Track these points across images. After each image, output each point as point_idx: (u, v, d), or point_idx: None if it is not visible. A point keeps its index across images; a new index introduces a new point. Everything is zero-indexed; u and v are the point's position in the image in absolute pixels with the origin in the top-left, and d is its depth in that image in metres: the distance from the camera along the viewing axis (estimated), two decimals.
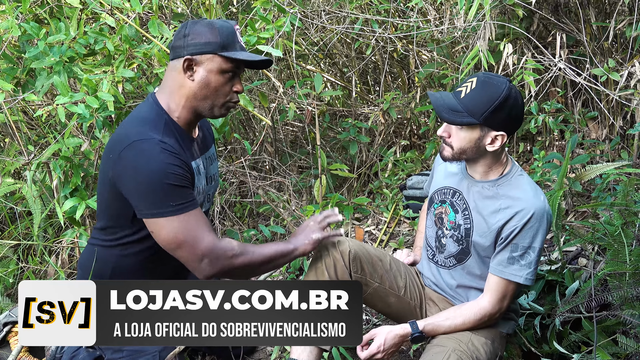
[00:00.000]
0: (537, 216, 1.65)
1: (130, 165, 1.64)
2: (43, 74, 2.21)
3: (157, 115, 1.72)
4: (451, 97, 1.66)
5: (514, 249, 1.67)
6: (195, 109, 1.74)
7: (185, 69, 1.69)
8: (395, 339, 1.73)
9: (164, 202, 1.64)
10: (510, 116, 1.63)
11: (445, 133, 1.70)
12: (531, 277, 1.69)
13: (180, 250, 1.67)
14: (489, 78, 1.63)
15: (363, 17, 3.05)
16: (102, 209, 1.84)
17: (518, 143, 3.28)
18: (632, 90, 2.70)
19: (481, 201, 1.74)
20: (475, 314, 1.74)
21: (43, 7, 2.39)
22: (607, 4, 3.01)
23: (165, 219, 1.65)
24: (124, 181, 1.66)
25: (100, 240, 1.85)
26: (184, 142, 1.75)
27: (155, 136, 1.65)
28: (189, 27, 1.70)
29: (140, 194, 1.65)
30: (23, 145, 2.40)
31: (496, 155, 1.71)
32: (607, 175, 2.49)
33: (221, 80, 1.71)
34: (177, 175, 1.65)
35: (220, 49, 1.67)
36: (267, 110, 3.14)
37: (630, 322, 1.67)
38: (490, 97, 1.60)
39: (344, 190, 3.30)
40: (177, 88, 1.72)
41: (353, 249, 1.83)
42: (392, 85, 3.85)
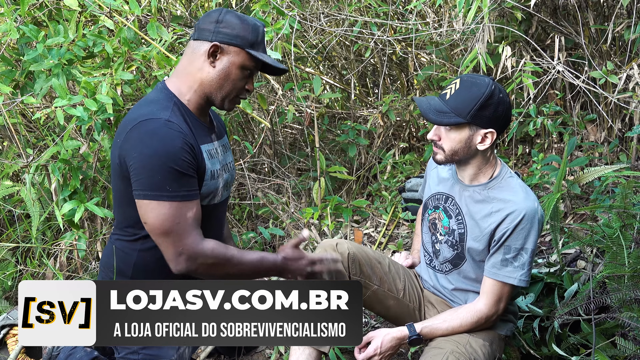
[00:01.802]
0: (528, 217, 1.65)
1: (134, 143, 1.61)
2: (42, 76, 2.21)
3: (166, 97, 1.70)
4: (437, 100, 1.68)
5: (507, 251, 1.68)
6: (207, 95, 1.73)
7: (210, 54, 1.68)
8: (393, 342, 1.73)
9: (161, 184, 1.59)
10: (497, 112, 1.64)
11: (435, 136, 1.71)
12: (525, 279, 1.69)
13: (162, 238, 1.63)
14: (472, 78, 1.66)
15: (362, 19, 3.06)
16: (117, 202, 1.79)
17: (517, 145, 3.29)
18: (630, 93, 2.70)
19: (473, 205, 1.75)
20: (472, 316, 1.74)
21: (42, 10, 2.39)
22: (605, 7, 3.02)
23: (156, 203, 1.60)
24: (128, 159, 1.62)
25: (120, 235, 1.80)
26: (193, 125, 1.71)
27: (163, 116, 1.63)
28: (223, 14, 1.69)
29: (138, 172, 1.61)
30: (22, 147, 2.40)
31: (486, 156, 1.72)
32: (606, 178, 2.49)
33: (240, 75, 1.71)
34: (182, 160, 1.61)
35: (249, 46, 1.68)
36: (266, 112, 3.14)
37: (629, 324, 1.67)
38: (474, 95, 1.62)
39: (343, 193, 3.30)
40: (195, 70, 1.70)
41: (352, 251, 1.83)
42: (391, 87, 3.86)
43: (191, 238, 1.64)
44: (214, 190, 1.76)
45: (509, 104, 1.67)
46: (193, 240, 1.64)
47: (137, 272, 1.78)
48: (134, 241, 1.78)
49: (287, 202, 3.00)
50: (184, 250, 1.63)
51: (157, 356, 1.77)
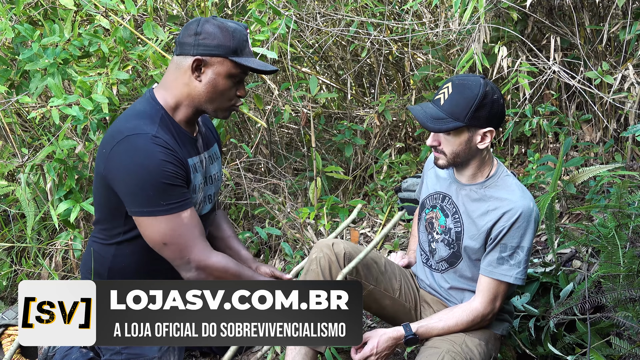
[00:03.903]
0: (525, 216, 1.66)
1: (121, 160, 1.61)
2: (37, 76, 2.20)
3: (153, 109, 1.69)
4: (432, 107, 1.67)
5: (503, 249, 1.68)
6: (198, 108, 1.71)
7: (194, 69, 1.65)
8: (389, 342, 1.73)
9: (154, 200, 1.61)
10: (493, 111, 1.64)
11: (435, 142, 1.70)
12: (521, 277, 1.70)
13: (166, 250, 1.66)
14: (463, 79, 1.65)
15: (358, 19, 3.06)
16: (97, 206, 1.81)
17: (513, 145, 3.29)
18: (625, 93, 2.72)
19: (470, 204, 1.76)
20: (468, 315, 1.74)
21: (37, 9, 2.38)
22: (601, 8, 3.03)
23: (153, 218, 1.62)
24: (115, 176, 1.63)
25: (98, 238, 1.82)
26: (180, 139, 1.71)
27: (149, 131, 1.62)
28: (200, 25, 1.65)
29: (130, 191, 1.62)
30: (17, 147, 2.39)
31: (483, 155, 1.72)
32: (601, 178, 2.50)
33: (228, 84, 1.69)
34: (170, 173, 1.61)
35: (231, 54, 1.65)
36: (263, 112, 3.14)
37: (624, 323, 1.68)
38: (469, 97, 1.61)
39: (339, 193, 3.30)
40: (181, 86, 1.68)
41: (348, 251, 1.83)
42: (388, 87, 3.86)
43: (197, 248, 1.67)
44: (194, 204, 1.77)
45: (503, 100, 1.68)
46: (201, 252, 1.68)
47: (112, 276, 1.80)
48: (109, 245, 1.80)
49: (283, 202, 3.00)
50: (192, 260, 1.67)
51: (139, 355, 1.78)
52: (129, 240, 1.77)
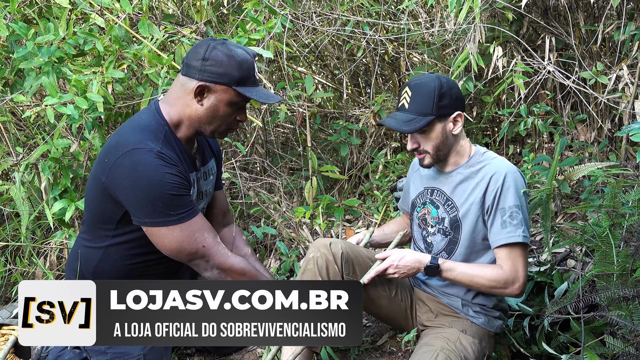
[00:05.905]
0: (510, 175, 1.76)
1: (127, 173, 1.63)
2: (32, 74, 2.19)
3: (158, 125, 1.71)
4: (399, 114, 1.78)
5: (503, 213, 1.75)
6: (197, 129, 1.75)
7: (197, 93, 1.68)
8: (412, 262, 1.78)
9: (165, 211, 1.65)
10: (454, 95, 1.77)
11: (415, 144, 1.81)
12: (527, 235, 1.75)
13: (183, 255, 1.71)
14: (417, 80, 1.78)
15: (354, 19, 3.06)
16: (89, 211, 1.83)
17: (508, 145, 3.30)
18: (620, 93, 2.73)
19: (460, 186, 1.83)
20: (492, 272, 1.76)
21: (32, 7, 2.37)
22: (595, 8, 3.04)
23: (166, 228, 1.66)
24: (120, 189, 1.65)
25: (86, 240, 1.84)
26: (182, 156, 1.75)
27: (155, 146, 1.65)
28: (209, 51, 1.67)
29: (139, 204, 1.65)
30: (11, 146, 2.38)
31: (459, 142, 1.82)
32: (596, 178, 2.51)
33: (229, 111, 1.72)
34: (176, 184, 1.65)
35: (235, 83, 1.67)
36: (258, 111, 3.13)
37: (618, 322, 1.69)
38: (429, 92, 1.74)
39: (335, 192, 3.30)
40: (183, 106, 1.72)
41: (345, 251, 1.83)
42: (383, 87, 3.86)
43: (218, 252, 1.74)
44: None
45: (457, 85, 1.83)
46: (222, 255, 1.74)
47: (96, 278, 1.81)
48: (96, 249, 1.82)
49: (279, 202, 3.00)
50: (214, 264, 1.74)
51: (124, 353, 1.78)
52: (116, 245, 1.79)
